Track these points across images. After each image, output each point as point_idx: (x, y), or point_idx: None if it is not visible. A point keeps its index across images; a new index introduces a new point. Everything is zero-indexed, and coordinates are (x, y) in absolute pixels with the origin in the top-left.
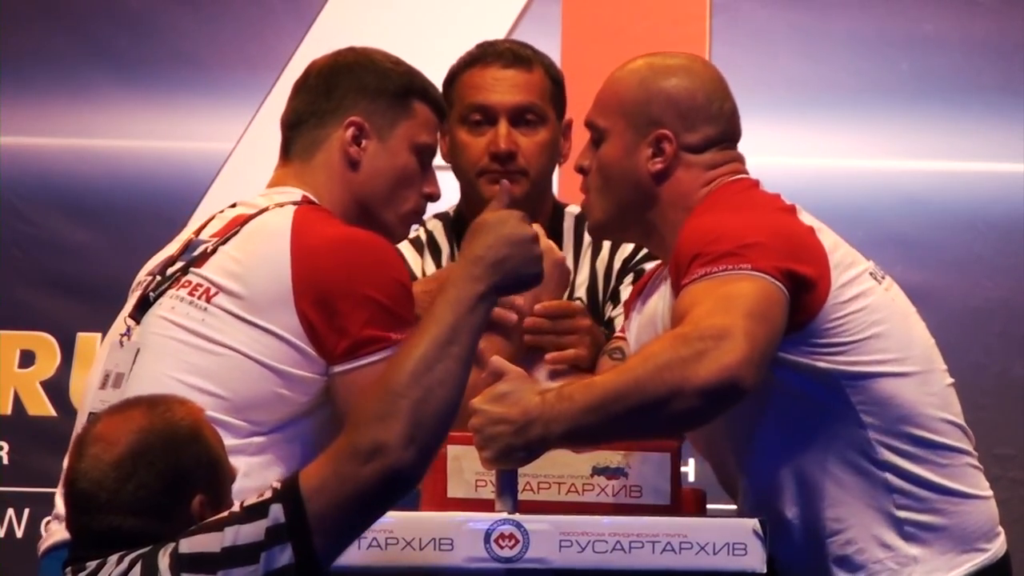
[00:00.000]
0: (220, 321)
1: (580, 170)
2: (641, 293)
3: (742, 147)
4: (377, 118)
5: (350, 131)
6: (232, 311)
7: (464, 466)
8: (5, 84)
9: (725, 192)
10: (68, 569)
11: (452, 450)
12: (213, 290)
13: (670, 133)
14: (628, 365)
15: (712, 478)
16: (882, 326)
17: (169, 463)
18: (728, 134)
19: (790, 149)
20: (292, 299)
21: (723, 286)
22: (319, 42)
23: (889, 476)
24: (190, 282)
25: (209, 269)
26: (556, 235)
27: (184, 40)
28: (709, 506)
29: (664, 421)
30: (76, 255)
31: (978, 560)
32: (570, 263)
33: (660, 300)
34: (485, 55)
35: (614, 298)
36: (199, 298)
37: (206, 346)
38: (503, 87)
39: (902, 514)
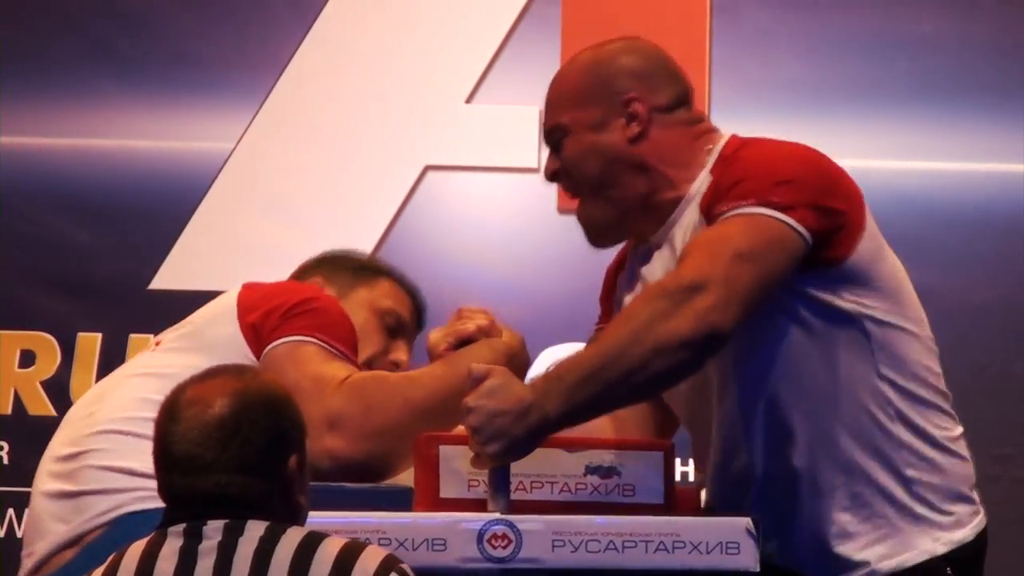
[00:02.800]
0: (168, 353)
1: (554, 175)
2: (622, 269)
3: None
4: (337, 281)
5: None
6: (179, 344)
7: (457, 466)
8: (5, 84)
9: (747, 141)
10: (181, 529)
11: (444, 450)
12: (160, 339)
13: (638, 95)
14: (608, 330)
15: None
16: (903, 283)
17: (271, 422)
18: (689, 93)
19: None
20: (235, 317)
21: (726, 227)
22: (319, 43)
23: (901, 430)
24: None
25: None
26: None
27: (184, 40)
28: None
29: (654, 379)
30: (77, 255)
31: (975, 522)
32: None
33: (660, 262)
34: None
35: None
36: (148, 350)
37: (159, 373)
38: None
39: (910, 472)
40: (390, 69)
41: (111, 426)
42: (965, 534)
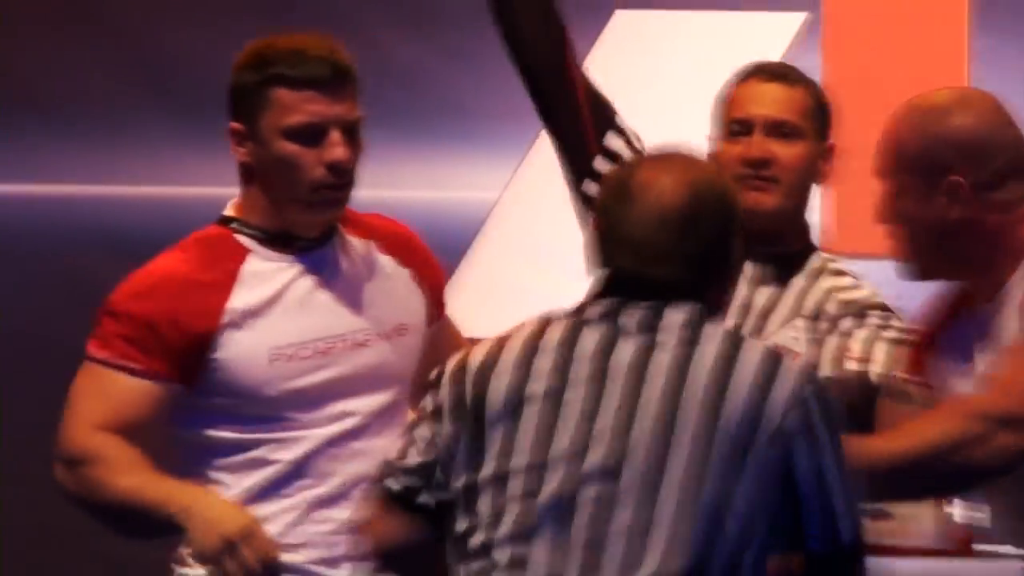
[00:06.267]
0: None
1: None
2: (949, 326)
3: None
4: (244, 118)
5: (232, 139)
6: None
7: None
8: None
9: None
10: (617, 300)
11: None
12: None
13: (961, 179)
14: (922, 427)
15: None
16: None
17: (724, 218)
18: (1018, 162)
19: None
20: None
21: None
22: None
23: None
24: None
25: None
26: (788, 271)
27: (450, 91)
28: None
29: (941, 489)
30: None
31: None
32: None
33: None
34: (747, 72)
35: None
36: None
37: None
38: (761, 100)
39: None
40: None
41: None
42: None
